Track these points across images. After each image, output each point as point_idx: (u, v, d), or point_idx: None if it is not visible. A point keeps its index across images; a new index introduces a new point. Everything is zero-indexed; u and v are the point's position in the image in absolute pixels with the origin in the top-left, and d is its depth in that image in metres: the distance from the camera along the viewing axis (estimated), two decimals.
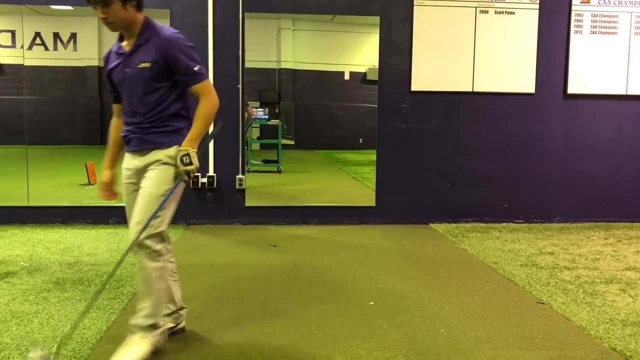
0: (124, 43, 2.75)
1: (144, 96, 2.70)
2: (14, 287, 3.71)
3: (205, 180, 5.73)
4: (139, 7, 2.69)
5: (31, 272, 4.05)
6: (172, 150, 2.70)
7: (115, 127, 2.94)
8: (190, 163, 2.62)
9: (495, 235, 5.49)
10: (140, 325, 2.64)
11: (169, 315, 2.92)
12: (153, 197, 2.65)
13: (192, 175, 2.65)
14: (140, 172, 2.73)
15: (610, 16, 5.97)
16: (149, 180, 2.69)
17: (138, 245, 2.61)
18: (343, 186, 8.25)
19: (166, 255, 2.72)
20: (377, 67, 5.91)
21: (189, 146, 2.66)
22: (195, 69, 2.70)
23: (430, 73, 5.88)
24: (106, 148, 2.97)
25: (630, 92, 6.07)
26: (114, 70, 2.77)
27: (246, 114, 6.17)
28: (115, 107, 2.94)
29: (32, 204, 5.84)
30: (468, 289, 3.84)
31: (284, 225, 5.81)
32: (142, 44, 2.69)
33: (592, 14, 5.96)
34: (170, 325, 2.93)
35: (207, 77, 2.75)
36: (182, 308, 2.99)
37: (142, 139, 2.73)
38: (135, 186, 2.75)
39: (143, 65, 2.67)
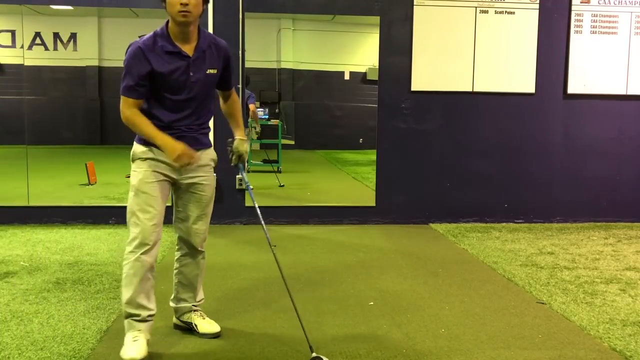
0: (181, 45, 2.69)
1: (206, 100, 2.83)
2: (14, 287, 3.71)
3: None
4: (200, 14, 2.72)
5: (31, 272, 4.05)
6: (213, 154, 2.96)
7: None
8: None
9: (495, 235, 5.49)
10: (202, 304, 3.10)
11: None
12: (212, 202, 2.97)
13: None
14: (187, 170, 2.79)
15: (610, 16, 5.97)
16: (208, 187, 2.91)
17: (198, 250, 3.01)
18: (343, 186, 8.26)
19: None
20: (377, 67, 5.91)
21: (245, 137, 3.01)
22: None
23: (430, 73, 5.87)
24: (157, 133, 2.68)
25: (630, 92, 6.07)
26: (173, 72, 2.67)
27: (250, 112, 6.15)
28: (138, 103, 2.70)
29: (32, 204, 5.84)
30: (468, 289, 3.84)
31: (284, 225, 5.81)
32: (206, 50, 2.75)
33: (592, 14, 5.96)
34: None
35: None
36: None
37: (197, 139, 2.83)
38: (168, 178, 2.79)
39: (211, 71, 2.78)
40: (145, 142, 2.76)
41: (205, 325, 3.00)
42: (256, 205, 3.02)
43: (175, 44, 2.69)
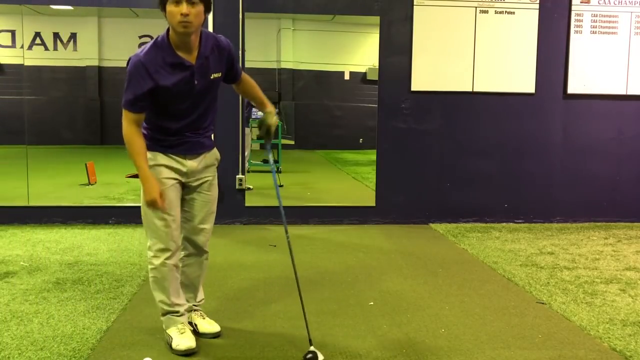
0: (183, 54, 2.64)
1: (210, 104, 2.81)
2: (14, 287, 3.71)
3: None
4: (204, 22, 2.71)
5: (31, 272, 4.05)
6: (217, 154, 2.95)
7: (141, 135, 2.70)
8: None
9: (495, 235, 5.49)
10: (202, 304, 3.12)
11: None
12: (216, 201, 2.99)
13: None
14: (194, 173, 2.83)
15: (610, 16, 5.97)
16: (213, 187, 2.94)
17: (203, 250, 2.99)
18: (343, 186, 8.26)
19: None
20: (377, 67, 5.91)
21: (272, 109, 2.95)
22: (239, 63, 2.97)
23: (430, 73, 5.87)
24: (143, 166, 2.65)
25: (630, 92, 6.07)
26: (176, 85, 2.63)
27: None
28: (139, 118, 2.66)
29: (32, 203, 5.84)
30: (468, 289, 3.84)
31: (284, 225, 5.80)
32: (209, 55, 2.71)
33: (592, 14, 5.96)
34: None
35: None
36: None
37: (201, 143, 2.83)
38: (177, 180, 2.78)
39: (215, 76, 2.75)
40: (149, 148, 2.72)
41: (205, 325, 3.01)
42: (277, 188, 3.10)
43: (177, 54, 2.64)
